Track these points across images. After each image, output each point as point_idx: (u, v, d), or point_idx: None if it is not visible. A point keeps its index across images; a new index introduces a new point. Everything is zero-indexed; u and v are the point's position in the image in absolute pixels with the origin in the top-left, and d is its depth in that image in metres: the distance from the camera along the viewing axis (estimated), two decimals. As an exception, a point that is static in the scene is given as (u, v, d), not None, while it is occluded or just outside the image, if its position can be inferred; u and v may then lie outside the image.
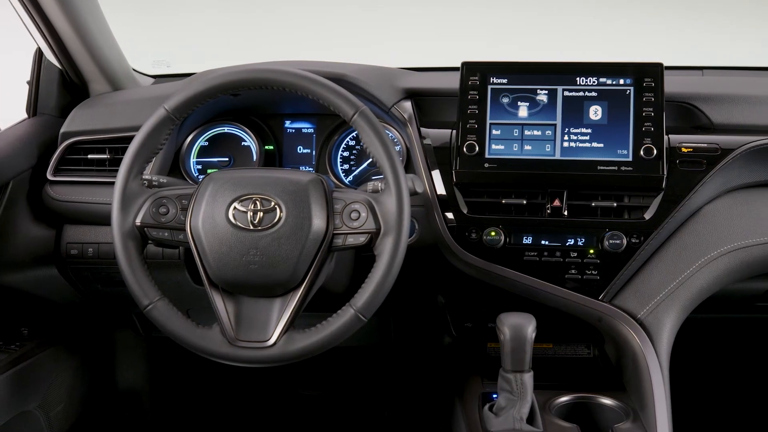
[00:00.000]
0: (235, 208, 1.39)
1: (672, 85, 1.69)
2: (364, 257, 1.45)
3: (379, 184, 1.41)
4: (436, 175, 1.65)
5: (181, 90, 1.45)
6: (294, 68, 1.45)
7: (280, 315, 1.40)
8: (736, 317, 1.95)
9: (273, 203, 1.38)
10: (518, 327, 1.45)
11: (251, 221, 1.38)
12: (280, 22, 2.57)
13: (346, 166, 1.84)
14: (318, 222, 1.38)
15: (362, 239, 1.39)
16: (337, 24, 2.53)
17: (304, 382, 2.46)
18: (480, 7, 2.44)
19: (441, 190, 1.64)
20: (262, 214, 1.38)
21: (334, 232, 1.40)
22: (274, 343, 1.37)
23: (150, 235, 1.43)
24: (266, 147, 1.86)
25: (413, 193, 1.46)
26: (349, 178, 1.83)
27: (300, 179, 1.41)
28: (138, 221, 1.42)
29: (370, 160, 1.73)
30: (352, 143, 1.83)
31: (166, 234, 1.43)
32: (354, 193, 1.43)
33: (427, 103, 1.75)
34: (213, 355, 1.40)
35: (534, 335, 1.45)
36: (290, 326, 1.38)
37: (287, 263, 1.37)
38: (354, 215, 1.40)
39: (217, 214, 1.38)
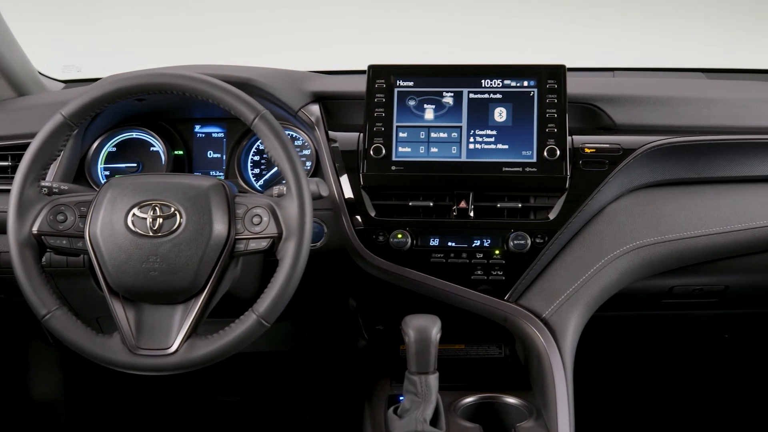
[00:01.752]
0: (134, 214, 1.37)
1: (576, 86, 1.71)
2: (272, 262, 1.44)
3: (283, 189, 1.40)
4: (344, 178, 1.64)
5: (79, 95, 1.42)
6: (194, 72, 1.43)
7: (182, 322, 1.38)
8: (643, 314, 1.97)
9: (173, 209, 1.37)
10: (423, 329, 1.45)
11: (150, 227, 1.36)
12: (198, 27, 2.54)
13: (256, 171, 1.83)
14: (219, 227, 1.36)
15: (264, 244, 1.38)
16: (255, 29, 2.51)
17: (223, 388, 2.44)
18: (394, 9, 2.44)
19: (348, 193, 1.64)
20: (161, 220, 1.36)
21: (236, 237, 1.39)
22: (176, 351, 1.36)
23: (47, 243, 1.40)
24: (175, 152, 1.83)
25: (317, 197, 1.45)
26: (259, 183, 1.82)
27: (200, 184, 1.40)
28: (35, 229, 1.39)
29: None
30: (262, 147, 1.82)
31: (64, 242, 1.41)
32: (256, 198, 1.42)
33: (335, 107, 1.75)
34: (113, 364, 1.38)
35: (439, 337, 1.46)
36: (192, 333, 1.37)
37: (188, 269, 1.35)
38: (256, 220, 1.39)
39: (116, 220, 1.36)
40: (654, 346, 2.49)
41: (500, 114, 1.64)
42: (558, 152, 1.59)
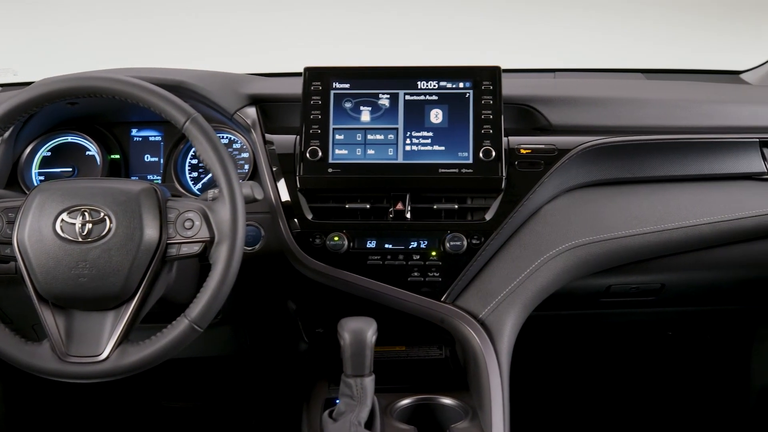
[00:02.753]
0: (62, 220, 1.35)
1: (512, 87, 1.72)
2: (209, 266, 1.43)
3: (217, 192, 1.39)
4: (281, 181, 1.63)
5: (7, 99, 1.40)
6: (124, 76, 1.42)
7: (113, 328, 1.36)
8: (583, 314, 1.99)
9: (102, 214, 1.35)
10: (358, 331, 1.44)
11: (80, 233, 1.34)
12: (138, 31, 2.52)
13: (194, 174, 1.81)
14: (150, 232, 1.35)
15: (196, 248, 1.37)
16: (197, 32, 2.49)
17: (168, 394, 2.42)
18: (334, 10, 2.44)
19: (285, 196, 1.63)
20: (91, 225, 1.35)
21: (168, 241, 1.38)
22: (107, 358, 1.34)
23: None
24: (111, 156, 1.81)
25: (252, 201, 1.45)
26: (197, 186, 1.81)
27: (131, 189, 1.38)
28: None
29: None
30: (198, 151, 1.79)
31: None
32: (188, 202, 1.41)
33: (272, 109, 1.74)
34: (42, 372, 1.36)
35: (374, 339, 1.46)
36: (124, 339, 1.35)
37: (118, 275, 1.34)
38: (188, 224, 1.38)
39: (44, 226, 1.34)
40: (595, 345, 2.52)
41: (436, 115, 1.64)
42: (493, 153, 1.60)
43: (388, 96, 1.66)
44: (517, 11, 2.49)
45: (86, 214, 1.35)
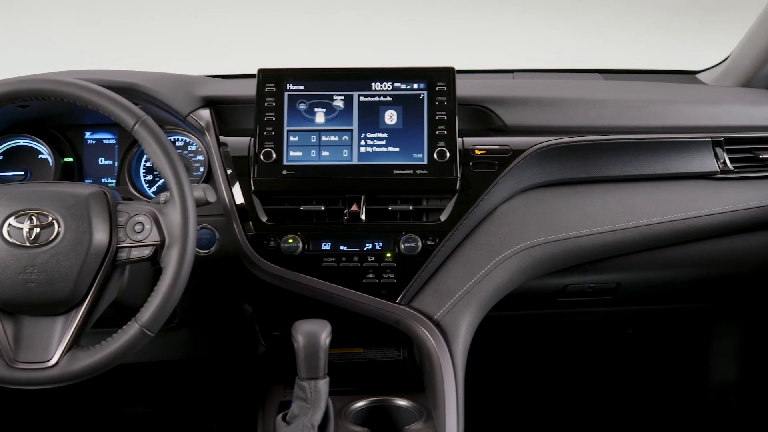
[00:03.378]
0: (9, 224, 1.33)
1: (467, 88, 1.72)
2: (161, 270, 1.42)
3: (168, 195, 1.38)
4: (235, 183, 1.62)
5: None
6: (73, 78, 1.40)
7: (62, 334, 1.35)
8: (541, 313, 2.00)
9: (50, 218, 1.33)
10: (312, 334, 1.44)
11: (27, 238, 1.32)
12: (96, 34, 2.50)
13: (149, 177, 1.80)
14: (100, 236, 1.34)
15: (147, 252, 1.36)
16: (154, 37, 2.48)
17: (128, 399, 2.39)
18: (291, 11, 2.43)
19: (240, 199, 1.62)
20: (38, 229, 1.33)
21: (118, 245, 1.36)
22: (56, 363, 1.32)
23: None
24: (64, 159, 1.79)
25: (204, 203, 1.44)
26: (152, 189, 1.79)
27: (79, 192, 1.37)
28: None
29: None
30: (154, 153, 1.78)
31: None
32: (139, 205, 1.40)
33: (227, 111, 1.73)
34: None
35: (329, 342, 1.45)
36: (74, 345, 1.34)
37: (67, 280, 1.32)
38: (138, 228, 1.37)
39: None
40: (554, 344, 2.53)
41: (391, 117, 1.64)
42: (448, 154, 1.60)
43: (343, 97, 1.65)
44: (477, 12, 2.50)
45: (34, 218, 1.33)
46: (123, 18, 2.53)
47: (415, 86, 1.65)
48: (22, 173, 1.79)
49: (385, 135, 1.64)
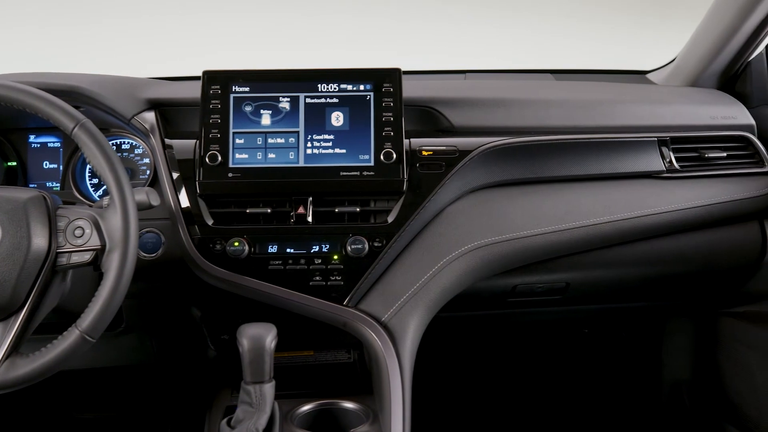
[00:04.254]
0: None
1: (414, 89, 1.72)
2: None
3: (109, 199, 1.36)
4: (181, 186, 1.60)
5: None
6: (10, 81, 1.38)
7: (1, 340, 1.32)
8: (492, 314, 2.00)
9: None
10: (257, 338, 1.43)
11: None
12: (45, 37, 2.47)
13: (95, 181, 1.77)
14: (38, 241, 1.32)
15: (87, 257, 1.34)
16: (101, 40, 2.45)
17: (80, 405, 2.37)
18: (237, 13, 2.42)
19: (185, 202, 1.60)
20: None
21: (58, 250, 1.34)
22: None
23: None
24: (8, 164, 1.76)
25: (147, 207, 1.42)
26: (98, 193, 1.77)
27: (18, 197, 1.35)
28: None
29: None
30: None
31: None
32: (79, 210, 1.38)
33: (173, 114, 1.71)
34: None
35: (274, 345, 1.44)
36: (13, 351, 1.31)
37: (5, 286, 1.30)
38: (78, 232, 1.35)
39: None
40: (508, 344, 2.53)
41: (337, 118, 1.63)
42: (395, 155, 1.60)
43: (289, 99, 1.65)
44: (430, 13, 2.50)
45: None
46: (74, 23, 2.50)
47: (362, 87, 1.65)
48: None
49: (331, 137, 1.63)
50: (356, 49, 2.50)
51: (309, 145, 1.63)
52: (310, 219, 1.61)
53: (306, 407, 1.58)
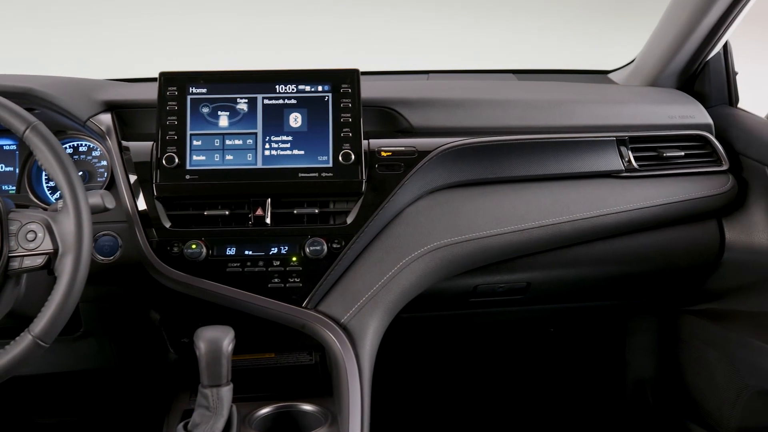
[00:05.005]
0: None
1: (373, 90, 1.72)
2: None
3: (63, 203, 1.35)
4: (138, 189, 1.59)
5: None
6: None
7: None
8: (454, 314, 2.00)
9: None
10: (214, 341, 1.42)
11: None
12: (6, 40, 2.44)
13: (52, 184, 1.75)
14: None
15: (40, 261, 1.33)
16: (71, 39, 2.43)
17: (40, 410, 2.34)
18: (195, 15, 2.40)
19: (142, 204, 1.59)
20: None
21: (10, 254, 1.33)
22: None
23: None
24: (-38, 167, 1.74)
25: (102, 210, 1.41)
26: (55, 196, 1.75)
27: None
28: None
29: None
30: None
31: None
32: (31, 213, 1.36)
33: (130, 115, 1.70)
34: None
35: (231, 348, 1.43)
36: None
37: None
38: (30, 236, 1.33)
39: None
40: (474, 345, 2.54)
41: (295, 119, 1.63)
42: (353, 156, 1.59)
43: (246, 100, 1.64)
44: (394, 13, 2.50)
45: None
46: (34, 24, 2.47)
47: (320, 88, 1.64)
48: None
49: (289, 138, 1.62)
50: (320, 50, 2.49)
51: (267, 146, 1.62)
52: (268, 221, 1.60)
53: (264, 410, 1.57)
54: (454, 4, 2.57)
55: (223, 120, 1.63)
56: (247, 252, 1.59)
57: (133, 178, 1.62)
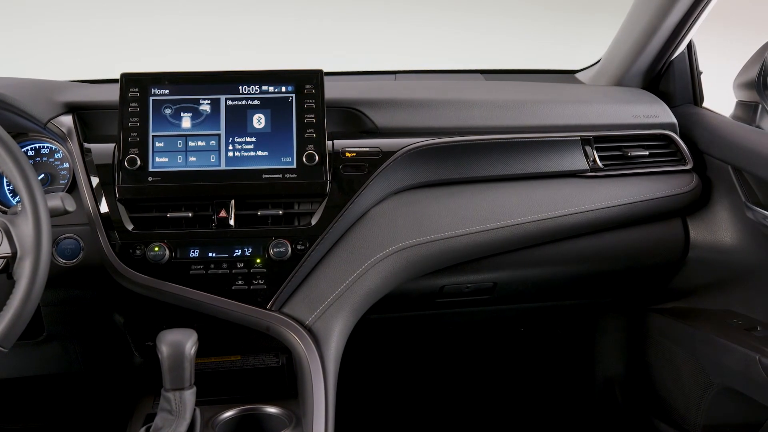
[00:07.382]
0: None
1: (338, 90, 1.71)
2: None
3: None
4: (99, 191, 1.58)
5: None
6: None
7: None
8: (421, 314, 2.00)
9: None
10: (176, 344, 1.40)
11: None
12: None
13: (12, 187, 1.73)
14: None
15: None
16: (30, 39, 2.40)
17: (4, 415, 2.31)
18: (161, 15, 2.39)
19: (104, 207, 1.57)
20: None
21: None
22: None
23: None
24: None
25: (62, 213, 1.39)
26: (17, 199, 1.73)
27: None
28: None
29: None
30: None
31: None
32: None
33: (92, 117, 1.68)
34: None
35: (194, 351, 1.42)
36: None
37: None
38: None
39: None
40: (442, 345, 2.54)
41: (259, 120, 1.62)
42: (317, 157, 1.59)
43: (209, 101, 1.63)
44: (362, 14, 2.49)
45: None
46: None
47: (283, 89, 1.64)
48: None
49: (253, 139, 1.61)
50: (288, 53, 2.48)
51: (230, 147, 1.61)
52: (232, 222, 1.59)
53: (228, 413, 1.56)
54: (422, 5, 2.57)
55: (186, 121, 1.62)
56: (210, 254, 1.58)
57: (95, 180, 1.60)
